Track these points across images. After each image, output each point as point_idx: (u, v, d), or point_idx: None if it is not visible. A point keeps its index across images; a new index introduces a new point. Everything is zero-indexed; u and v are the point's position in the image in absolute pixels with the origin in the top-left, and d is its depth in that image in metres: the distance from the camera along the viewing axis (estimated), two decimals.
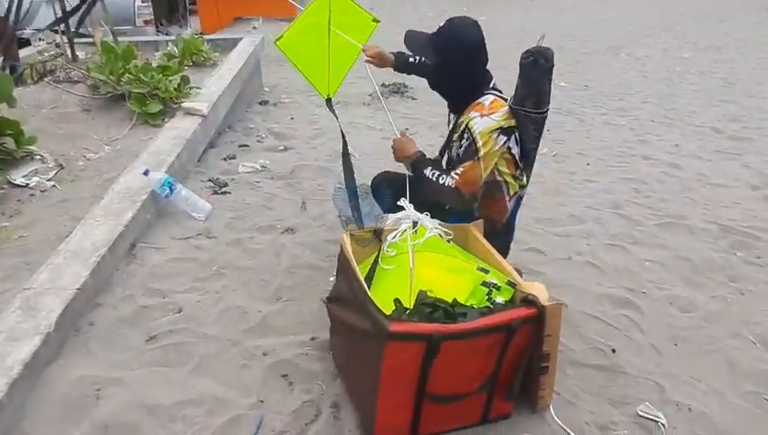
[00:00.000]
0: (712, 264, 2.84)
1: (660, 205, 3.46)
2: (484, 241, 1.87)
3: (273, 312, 2.16)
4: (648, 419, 1.83)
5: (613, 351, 2.15)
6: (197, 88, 3.99)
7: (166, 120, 3.61)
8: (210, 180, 3.17)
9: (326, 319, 1.98)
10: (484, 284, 1.76)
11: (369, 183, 2.49)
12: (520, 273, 1.83)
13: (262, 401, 1.75)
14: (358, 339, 1.62)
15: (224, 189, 3.08)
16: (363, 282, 1.61)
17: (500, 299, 1.72)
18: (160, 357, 1.88)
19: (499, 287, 1.74)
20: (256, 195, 3.08)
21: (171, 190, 2.67)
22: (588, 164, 4.07)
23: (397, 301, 1.62)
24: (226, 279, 2.33)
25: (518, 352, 1.62)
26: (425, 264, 1.72)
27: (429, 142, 4.19)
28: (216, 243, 2.58)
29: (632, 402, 1.92)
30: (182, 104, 3.65)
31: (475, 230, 1.94)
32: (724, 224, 3.23)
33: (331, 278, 2.40)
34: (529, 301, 1.59)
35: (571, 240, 2.98)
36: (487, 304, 1.71)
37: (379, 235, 1.89)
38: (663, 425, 1.81)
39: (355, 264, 1.70)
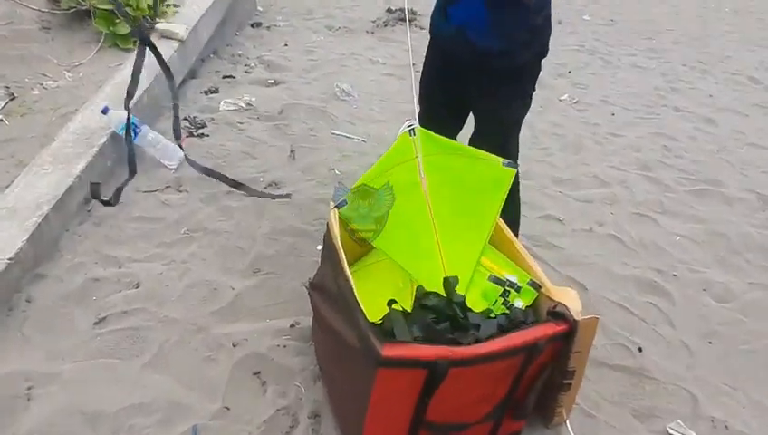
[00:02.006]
0: (750, 241, 2.52)
1: (693, 167, 3.09)
2: (506, 229, 1.53)
3: (247, 289, 1.85)
4: None
5: (639, 350, 1.87)
6: (175, 6, 3.48)
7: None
8: (186, 119, 2.76)
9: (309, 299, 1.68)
10: (499, 281, 1.44)
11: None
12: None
13: (227, 408, 1.47)
14: (343, 349, 1.31)
15: (201, 131, 2.68)
16: (351, 280, 1.28)
17: (519, 303, 1.41)
18: (109, 346, 1.58)
19: (519, 288, 1.42)
20: (238, 139, 2.69)
21: (135, 133, 2.28)
22: (613, 114, 3.64)
23: (391, 303, 1.31)
24: (196, 245, 2.00)
25: (538, 371, 1.32)
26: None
27: None
28: (187, 198, 2.23)
29: (660, 416, 1.66)
30: (156, 26, 3.16)
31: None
32: (763, 193, 2.89)
33: (319, 247, 2.08)
34: (558, 314, 1.27)
35: (594, 207, 2.64)
36: (503, 308, 1.40)
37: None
38: None
39: (342, 254, 1.36)
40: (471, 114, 1.86)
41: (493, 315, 1.30)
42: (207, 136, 2.66)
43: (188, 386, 1.51)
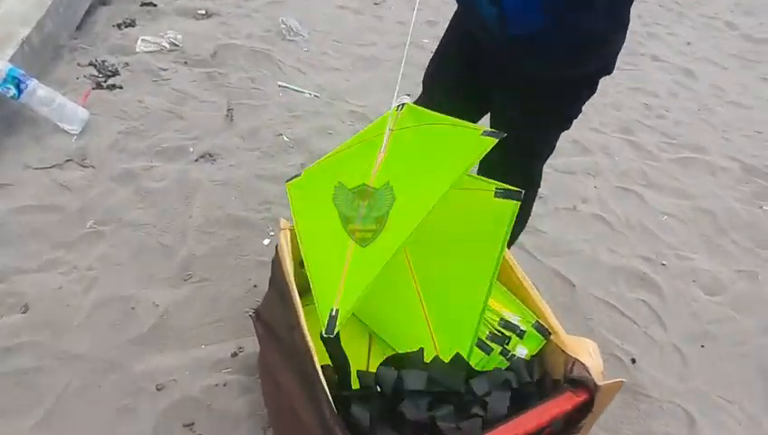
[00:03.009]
0: (736, 219, 2.35)
1: (675, 130, 2.86)
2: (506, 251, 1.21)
3: (176, 304, 1.48)
4: None
5: (633, 361, 1.68)
6: None
7: None
8: (93, 65, 2.22)
9: None
10: (496, 338, 1.15)
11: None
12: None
13: None
14: (300, 427, 1.00)
15: (112, 81, 2.16)
16: (310, 342, 0.95)
17: (522, 351, 1.13)
18: None
19: (522, 333, 1.13)
20: (160, 92, 2.19)
21: (19, 90, 1.77)
22: None
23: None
24: (107, 244, 1.58)
25: None
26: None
27: (399, 18, 3.27)
28: (93, 176, 1.77)
29: None
30: None
31: None
32: (746, 162, 2.71)
33: (266, 241, 1.72)
34: (578, 382, 1.00)
35: (576, 179, 2.38)
36: (501, 358, 1.12)
37: None
38: None
39: (297, 298, 1.02)
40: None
41: (502, 381, 1.01)
42: (120, 88, 2.14)
43: None
